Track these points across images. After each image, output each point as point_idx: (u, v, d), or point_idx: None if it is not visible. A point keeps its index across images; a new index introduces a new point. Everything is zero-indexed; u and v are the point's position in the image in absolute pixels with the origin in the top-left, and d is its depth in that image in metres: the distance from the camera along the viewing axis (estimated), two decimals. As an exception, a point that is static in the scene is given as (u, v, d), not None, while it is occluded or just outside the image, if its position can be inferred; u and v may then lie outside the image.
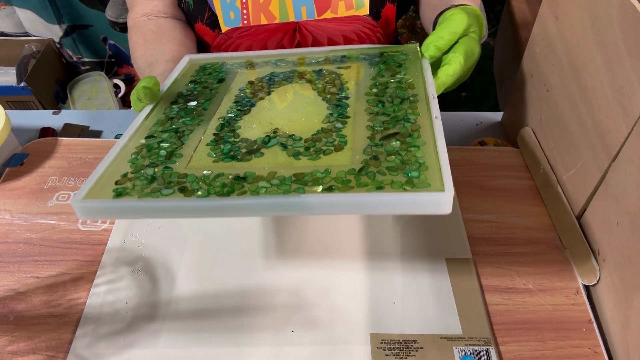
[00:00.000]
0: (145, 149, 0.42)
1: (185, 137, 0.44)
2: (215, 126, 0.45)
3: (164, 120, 0.46)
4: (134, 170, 0.40)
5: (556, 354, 0.43)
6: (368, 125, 0.43)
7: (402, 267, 0.49)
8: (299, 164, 0.39)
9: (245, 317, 0.45)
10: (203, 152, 0.42)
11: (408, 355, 0.42)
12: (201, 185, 0.37)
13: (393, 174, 0.37)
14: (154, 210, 0.37)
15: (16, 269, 0.48)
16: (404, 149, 0.39)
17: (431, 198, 0.34)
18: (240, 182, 0.37)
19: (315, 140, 0.42)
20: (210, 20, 0.65)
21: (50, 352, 0.42)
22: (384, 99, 0.46)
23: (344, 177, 0.37)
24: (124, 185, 0.38)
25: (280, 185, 0.37)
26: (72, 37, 1.42)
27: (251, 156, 0.41)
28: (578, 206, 0.51)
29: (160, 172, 0.39)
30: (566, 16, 0.50)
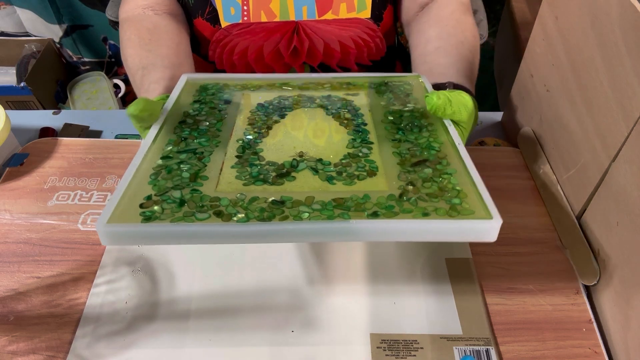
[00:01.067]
0: (165, 170, 0.40)
1: (206, 158, 0.42)
2: (236, 148, 0.44)
3: (177, 141, 0.44)
4: (158, 192, 0.37)
5: (556, 354, 0.43)
6: (394, 151, 0.43)
7: (402, 267, 0.49)
8: (334, 189, 0.39)
9: (245, 317, 0.45)
10: (230, 175, 0.40)
11: (408, 355, 0.42)
12: (238, 209, 0.36)
13: (434, 201, 0.37)
14: (189, 235, 0.34)
15: (16, 269, 0.48)
16: (437, 175, 0.40)
17: (480, 226, 0.35)
18: (279, 207, 0.36)
19: (345, 165, 0.41)
20: (211, 16, 0.65)
21: (50, 352, 0.42)
22: (402, 127, 0.46)
23: (385, 203, 0.37)
24: (150, 209, 0.36)
25: (322, 210, 0.36)
26: (72, 37, 1.42)
27: (283, 180, 0.39)
28: (578, 206, 0.51)
29: (189, 195, 0.37)
30: (566, 16, 0.50)
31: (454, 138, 0.44)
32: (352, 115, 0.49)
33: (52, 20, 1.36)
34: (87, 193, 0.55)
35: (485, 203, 0.36)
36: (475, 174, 0.39)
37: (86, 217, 0.53)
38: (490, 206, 0.36)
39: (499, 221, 0.35)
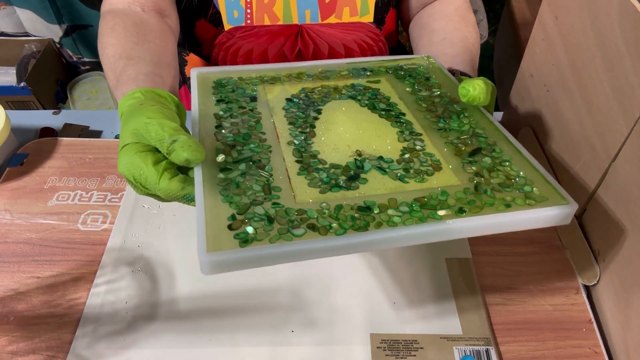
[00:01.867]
0: (233, 184, 0.38)
1: (268, 167, 0.40)
2: (291, 152, 0.42)
3: (226, 150, 0.41)
4: (239, 211, 0.36)
5: (556, 354, 0.43)
6: (446, 142, 0.43)
7: (402, 267, 0.49)
8: (409, 187, 0.39)
9: (245, 317, 0.45)
10: (301, 183, 0.39)
11: (408, 355, 0.42)
12: (329, 220, 0.35)
13: (507, 190, 0.38)
14: (292, 254, 0.34)
15: (16, 269, 0.48)
16: (498, 164, 0.41)
17: (560, 212, 0.37)
18: (368, 213, 0.36)
19: (408, 161, 0.41)
20: (214, 18, 0.65)
21: (50, 352, 0.42)
22: (441, 115, 0.47)
23: (466, 198, 0.37)
24: (243, 230, 0.34)
25: (411, 212, 0.36)
26: (72, 37, 1.42)
27: (356, 183, 0.39)
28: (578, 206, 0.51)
29: (272, 210, 0.36)
30: (566, 16, 0.50)
31: (497, 124, 0.45)
32: (386, 105, 0.49)
33: (52, 20, 1.36)
34: (87, 193, 0.55)
35: (555, 188, 0.38)
36: (531, 158, 0.41)
37: (86, 217, 0.53)
38: (561, 191, 0.38)
39: (575, 205, 0.37)
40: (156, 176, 0.37)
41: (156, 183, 0.37)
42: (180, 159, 0.36)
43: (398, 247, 0.50)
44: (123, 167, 0.37)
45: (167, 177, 0.37)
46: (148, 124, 0.38)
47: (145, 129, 0.38)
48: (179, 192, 0.37)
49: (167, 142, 0.37)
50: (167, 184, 0.37)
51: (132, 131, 0.38)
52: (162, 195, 0.37)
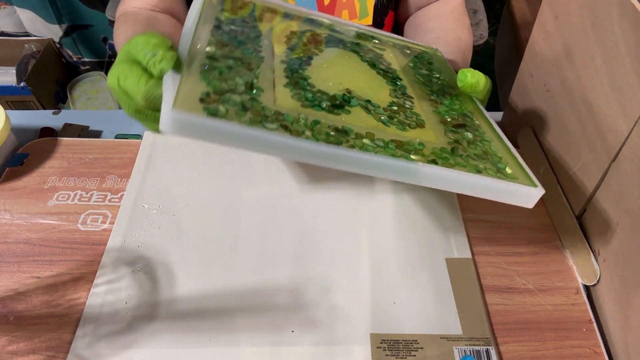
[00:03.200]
0: (216, 71, 0.36)
1: (256, 70, 0.38)
2: (282, 69, 0.41)
3: (219, 44, 0.40)
4: (215, 91, 0.34)
5: (556, 354, 0.43)
6: (434, 110, 0.44)
7: (402, 267, 0.49)
8: (390, 130, 0.38)
9: (245, 317, 0.45)
10: (285, 93, 0.37)
11: (408, 355, 0.42)
12: (304, 128, 0.34)
13: (482, 161, 0.39)
14: (261, 142, 0.32)
15: (16, 269, 0.48)
16: (478, 140, 0.41)
17: (526, 191, 0.37)
18: (343, 135, 0.35)
19: (394, 112, 0.41)
20: None
21: (50, 352, 0.42)
22: (434, 90, 0.47)
23: (441, 154, 0.38)
24: (214, 106, 0.32)
25: (385, 148, 0.36)
26: (72, 37, 1.42)
27: (339, 111, 0.38)
28: (578, 206, 0.51)
29: (249, 102, 0.34)
30: (566, 16, 0.50)
31: (484, 113, 0.46)
32: (385, 68, 0.48)
33: (52, 20, 1.36)
34: (87, 193, 0.55)
35: (527, 173, 0.39)
36: (510, 146, 0.41)
37: (86, 217, 0.53)
38: (532, 176, 0.38)
39: (541, 190, 0.37)
40: (137, 78, 0.37)
41: (136, 84, 0.37)
42: (156, 70, 0.37)
43: (396, 247, 0.50)
44: (111, 77, 0.39)
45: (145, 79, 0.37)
46: (135, 39, 0.39)
47: (133, 45, 0.39)
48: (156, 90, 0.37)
49: (148, 55, 0.38)
50: (144, 84, 0.37)
51: (125, 50, 0.40)
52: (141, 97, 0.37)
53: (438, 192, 0.56)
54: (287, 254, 0.50)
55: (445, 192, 0.56)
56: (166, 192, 0.55)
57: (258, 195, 0.55)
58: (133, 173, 0.57)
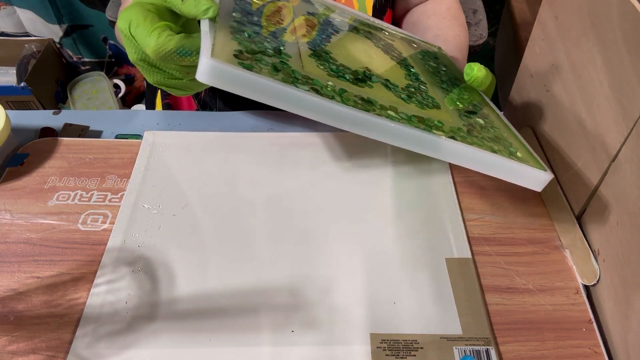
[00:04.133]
0: (245, 34, 0.37)
1: (282, 39, 0.39)
2: (306, 42, 0.41)
3: (243, 12, 0.40)
4: (247, 51, 0.34)
5: (556, 354, 0.43)
6: (446, 97, 0.45)
7: (402, 267, 0.49)
8: (411, 107, 0.39)
9: (245, 317, 0.45)
10: (311, 62, 0.38)
11: (408, 355, 0.42)
12: (332, 94, 0.34)
13: (496, 144, 0.40)
14: (294, 99, 0.32)
15: (16, 269, 0.48)
16: (489, 127, 0.43)
17: (536, 174, 0.38)
18: (369, 104, 0.36)
19: (412, 92, 0.42)
20: None
21: (50, 352, 0.42)
22: (444, 81, 0.48)
23: (459, 133, 0.39)
24: (249, 62, 0.33)
25: (409, 121, 0.36)
26: (72, 37, 1.42)
27: (362, 84, 0.39)
28: (578, 206, 0.51)
29: (280, 65, 0.35)
30: (566, 16, 0.50)
31: (492, 105, 0.47)
32: (398, 55, 0.50)
33: (52, 20, 1.36)
34: (87, 193, 0.55)
35: (536, 158, 0.40)
36: (518, 134, 0.43)
37: (86, 217, 0.53)
38: (541, 161, 0.40)
39: (550, 175, 0.39)
40: (149, 28, 0.35)
41: (147, 34, 0.35)
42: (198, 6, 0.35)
43: (396, 247, 0.50)
44: (122, 20, 0.36)
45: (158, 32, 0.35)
46: None
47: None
48: (168, 44, 0.35)
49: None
50: (156, 37, 0.35)
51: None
52: (151, 51, 0.35)
53: (438, 192, 0.56)
54: (287, 253, 0.50)
55: (445, 192, 0.56)
56: (166, 192, 0.55)
57: (258, 195, 0.55)
58: (133, 173, 0.57)
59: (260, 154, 0.59)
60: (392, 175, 0.58)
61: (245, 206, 0.54)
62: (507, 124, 0.43)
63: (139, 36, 0.35)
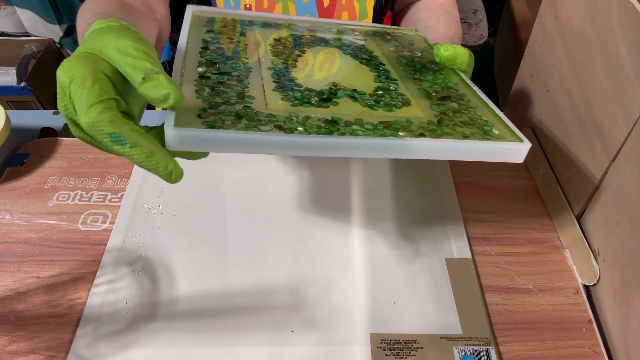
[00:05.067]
0: (208, 87, 0.39)
1: (245, 81, 0.42)
2: (270, 74, 0.44)
3: (208, 64, 0.43)
4: (211, 106, 0.37)
5: (556, 354, 0.43)
6: (419, 88, 0.45)
7: (402, 267, 0.49)
8: (377, 114, 0.40)
9: (245, 317, 0.45)
10: (275, 97, 0.40)
11: (408, 355, 0.42)
12: (296, 125, 0.36)
13: (469, 127, 0.40)
14: (257, 143, 0.34)
15: (16, 269, 0.48)
16: (464, 108, 0.43)
17: (513, 147, 0.38)
18: (333, 125, 0.37)
19: (380, 96, 0.43)
20: None
21: (50, 352, 0.42)
22: (417, 69, 0.49)
23: (428, 127, 0.39)
24: (211, 119, 0.35)
25: (374, 130, 0.37)
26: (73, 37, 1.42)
27: (327, 104, 0.40)
28: (578, 206, 0.51)
29: (243, 110, 0.37)
30: (566, 16, 0.50)
31: (467, 81, 0.47)
32: (368, 56, 0.51)
33: (52, 20, 1.36)
34: (87, 193, 0.55)
35: (513, 130, 0.40)
36: (495, 108, 0.43)
37: (86, 217, 0.53)
38: (518, 133, 0.39)
39: (528, 144, 0.38)
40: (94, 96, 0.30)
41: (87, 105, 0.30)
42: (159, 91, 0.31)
43: (396, 247, 0.50)
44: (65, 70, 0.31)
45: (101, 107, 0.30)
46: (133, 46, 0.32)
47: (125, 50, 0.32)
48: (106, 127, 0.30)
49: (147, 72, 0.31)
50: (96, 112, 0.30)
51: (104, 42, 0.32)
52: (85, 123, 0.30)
53: (438, 192, 0.56)
54: (287, 254, 0.50)
55: (445, 192, 0.56)
56: (166, 192, 0.55)
57: (258, 196, 0.55)
58: (133, 173, 0.57)
59: (260, 154, 0.59)
60: (392, 175, 0.58)
61: (246, 206, 0.54)
62: (484, 100, 0.44)
63: (79, 99, 0.30)
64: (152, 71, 0.31)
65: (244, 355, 0.42)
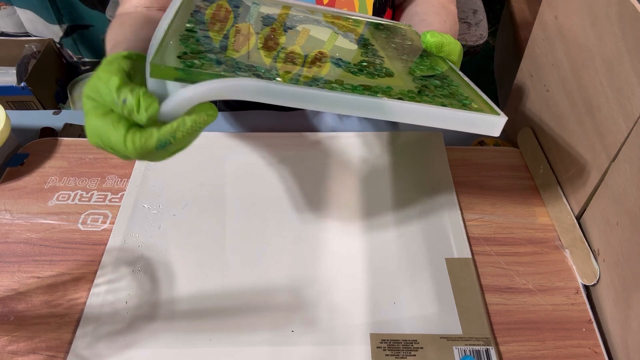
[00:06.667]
0: (193, 38, 0.39)
1: (231, 38, 0.42)
2: (259, 37, 0.44)
3: (197, 22, 0.43)
4: (192, 52, 0.37)
5: (556, 354, 0.43)
6: (404, 66, 0.45)
7: (402, 267, 0.49)
8: (360, 79, 0.40)
9: (245, 317, 0.45)
10: (259, 53, 0.40)
11: (408, 355, 0.42)
12: (275, 77, 0.36)
13: (449, 99, 0.40)
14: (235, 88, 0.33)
15: (16, 269, 0.48)
16: (446, 85, 0.43)
17: (489, 118, 0.38)
18: (313, 82, 0.37)
19: (364, 67, 0.43)
20: None
21: (50, 352, 0.42)
22: (405, 53, 0.49)
23: (407, 95, 0.39)
24: (190, 61, 0.35)
25: (353, 90, 0.37)
26: (73, 37, 1.42)
27: (311, 66, 0.40)
28: (578, 206, 0.51)
29: (225, 59, 0.37)
30: (566, 16, 0.50)
31: (456, 70, 0.47)
32: (357, 37, 0.51)
33: (52, 20, 1.36)
34: (87, 193, 0.55)
35: (492, 106, 0.40)
36: (477, 89, 0.43)
37: (86, 217, 0.53)
38: (496, 108, 0.40)
39: (504, 118, 0.38)
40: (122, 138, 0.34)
41: (123, 145, 0.34)
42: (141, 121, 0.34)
43: (396, 247, 0.50)
44: (90, 137, 0.35)
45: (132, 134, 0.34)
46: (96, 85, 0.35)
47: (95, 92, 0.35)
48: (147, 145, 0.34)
49: (118, 104, 0.34)
50: (131, 143, 0.34)
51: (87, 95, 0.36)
52: (134, 156, 0.34)
53: (438, 192, 0.56)
54: (287, 254, 0.50)
55: (445, 192, 0.56)
56: (166, 192, 0.55)
57: (258, 196, 0.55)
58: (133, 173, 0.57)
59: (260, 154, 0.59)
60: (392, 175, 0.58)
61: (246, 206, 0.54)
62: (467, 82, 0.44)
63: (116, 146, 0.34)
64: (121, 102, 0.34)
65: (244, 355, 0.42)
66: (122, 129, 0.34)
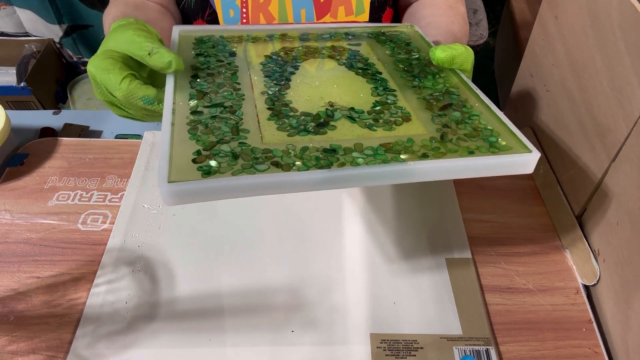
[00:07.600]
0: (201, 125, 0.39)
1: (239, 112, 0.41)
2: (264, 100, 0.43)
3: (199, 95, 0.42)
4: (205, 147, 0.36)
5: (556, 354, 0.43)
6: (418, 97, 0.44)
7: (402, 267, 0.49)
8: (377, 135, 0.39)
9: (245, 317, 0.45)
10: (270, 127, 0.39)
11: (408, 355, 0.42)
12: (293, 159, 0.36)
13: (473, 140, 0.39)
14: (255, 187, 0.34)
15: (16, 269, 0.48)
16: (467, 117, 0.42)
17: (522, 159, 0.37)
18: (332, 154, 0.36)
19: (379, 112, 0.42)
20: (211, 18, 0.66)
21: (50, 352, 0.42)
22: (416, 74, 0.48)
23: (431, 145, 0.38)
24: (206, 164, 0.35)
25: (375, 155, 0.36)
26: (73, 37, 1.42)
27: (325, 129, 0.39)
28: (578, 206, 0.51)
29: (238, 148, 0.36)
30: (566, 16, 0.50)
31: (468, 82, 0.46)
32: (364, 65, 0.50)
33: (52, 20, 1.36)
34: (87, 193, 0.55)
35: (520, 139, 0.39)
36: (500, 113, 0.41)
37: (86, 217, 0.53)
38: (525, 141, 0.38)
39: (537, 154, 0.37)
40: (119, 77, 0.40)
41: (117, 83, 0.40)
42: (162, 59, 0.41)
43: (396, 247, 0.50)
44: (92, 66, 0.41)
45: (129, 80, 0.41)
46: (135, 34, 0.42)
47: (130, 39, 0.42)
48: (137, 92, 0.41)
49: (150, 49, 0.41)
50: (127, 84, 0.41)
51: (115, 40, 0.43)
52: (121, 95, 0.41)
53: (438, 192, 0.56)
54: (287, 253, 0.50)
55: (445, 192, 0.56)
56: (166, 192, 0.55)
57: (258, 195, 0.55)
58: (133, 173, 0.57)
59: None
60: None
61: (245, 206, 0.54)
62: (487, 105, 0.43)
63: (110, 81, 0.41)
64: (153, 47, 0.41)
65: (244, 355, 0.42)
66: (124, 72, 0.41)
